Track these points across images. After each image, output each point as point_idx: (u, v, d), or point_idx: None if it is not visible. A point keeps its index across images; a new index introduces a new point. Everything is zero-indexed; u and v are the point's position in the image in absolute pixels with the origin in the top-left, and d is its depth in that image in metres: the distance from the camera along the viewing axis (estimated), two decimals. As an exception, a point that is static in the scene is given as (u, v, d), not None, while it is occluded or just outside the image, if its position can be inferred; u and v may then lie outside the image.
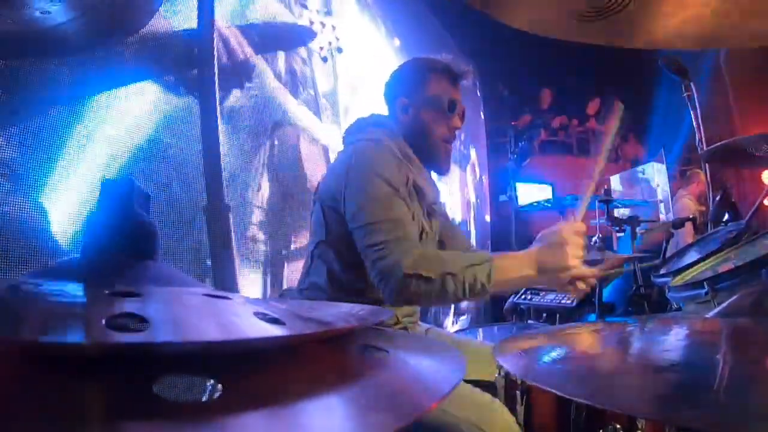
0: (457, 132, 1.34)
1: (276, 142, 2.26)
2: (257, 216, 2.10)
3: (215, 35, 1.85)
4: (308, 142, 2.42)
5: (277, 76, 2.31)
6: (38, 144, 1.35)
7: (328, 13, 2.67)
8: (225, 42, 1.89)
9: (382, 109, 1.43)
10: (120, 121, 1.57)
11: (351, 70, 2.84)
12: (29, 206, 1.30)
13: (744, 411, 0.41)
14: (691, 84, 2.61)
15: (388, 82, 1.40)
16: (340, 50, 2.71)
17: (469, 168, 5.27)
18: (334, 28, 2.67)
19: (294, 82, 2.41)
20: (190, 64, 1.83)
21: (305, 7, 2.49)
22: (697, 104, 2.60)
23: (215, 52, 1.91)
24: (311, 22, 2.54)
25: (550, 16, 1.05)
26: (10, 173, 1.27)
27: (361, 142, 1.27)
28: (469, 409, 1.01)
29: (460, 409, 1.00)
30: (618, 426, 0.70)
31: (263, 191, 2.16)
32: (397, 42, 3.57)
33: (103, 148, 1.51)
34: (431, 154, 1.33)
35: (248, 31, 2.13)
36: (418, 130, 1.31)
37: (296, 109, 2.39)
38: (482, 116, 6.17)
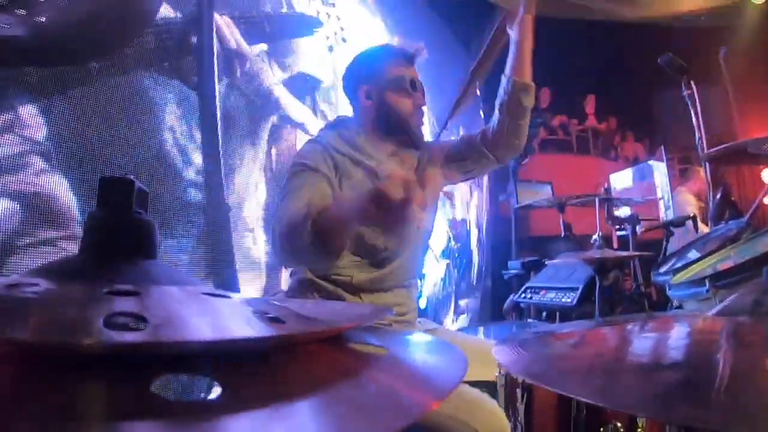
0: (422, 108, 1.37)
1: (273, 142, 2.26)
2: (257, 215, 2.09)
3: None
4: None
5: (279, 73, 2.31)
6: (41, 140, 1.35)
7: (333, 4, 2.70)
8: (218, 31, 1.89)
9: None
10: (120, 120, 1.57)
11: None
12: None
13: (744, 410, 0.41)
14: (691, 82, 2.61)
15: (345, 75, 1.43)
16: (345, 40, 2.74)
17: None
18: (339, 18, 2.71)
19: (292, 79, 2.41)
20: (190, 63, 1.82)
21: None
22: (697, 103, 2.60)
23: (215, 51, 1.91)
24: (318, 12, 2.57)
25: None
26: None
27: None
28: (460, 407, 1.01)
29: (451, 407, 1.00)
30: (618, 424, 0.70)
31: (260, 191, 2.16)
32: (397, 40, 3.56)
33: (102, 146, 1.51)
34: (403, 130, 1.35)
35: (257, 20, 2.15)
36: (384, 112, 1.33)
37: (294, 108, 2.40)
38: (482, 115, 6.16)
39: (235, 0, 2.07)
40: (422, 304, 3.38)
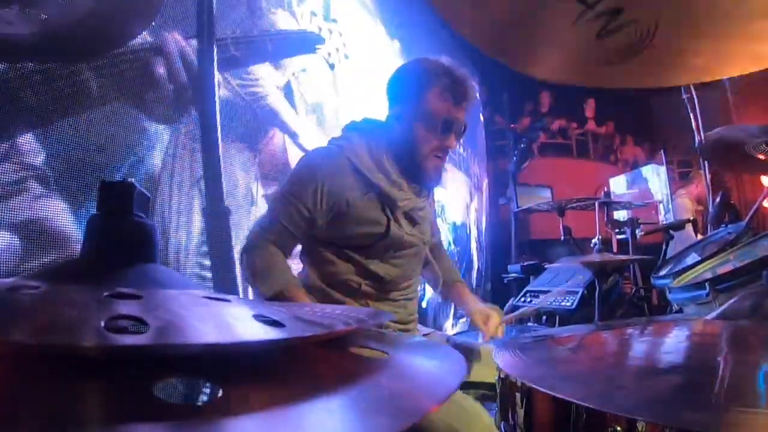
0: (447, 150, 1.28)
1: (264, 150, 2.24)
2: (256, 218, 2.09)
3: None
4: (296, 151, 2.39)
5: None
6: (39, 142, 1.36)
7: (334, 20, 2.71)
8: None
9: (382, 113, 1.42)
10: (120, 124, 1.57)
11: (353, 76, 2.85)
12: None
13: (744, 413, 0.41)
14: (691, 86, 2.61)
15: (391, 80, 1.33)
16: (347, 57, 2.76)
17: (468, 171, 5.27)
18: (341, 34, 2.72)
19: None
20: (189, 69, 1.83)
21: (314, 14, 2.53)
22: (696, 106, 2.60)
23: (215, 58, 1.92)
24: (320, 29, 2.58)
25: (571, 64, 0.98)
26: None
27: (322, 147, 1.35)
28: (445, 410, 1.01)
29: (449, 415, 1.00)
30: (618, 428, 0.70)
31: (256, 195, 2.14)
32: (397, 44, 3.57)
33: (103, 150, 1.51)
34: (415, 168, 1.28)
35: (259, 38, 2.16)
36: (404, 142, 1.26)
37: (290, 117, 2.39)
38: (482, 119, 6.18)
39: (236, 19, 2.07)
40: (422, 306, 3.38)
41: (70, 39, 1.44)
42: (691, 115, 2.67)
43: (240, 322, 0.36)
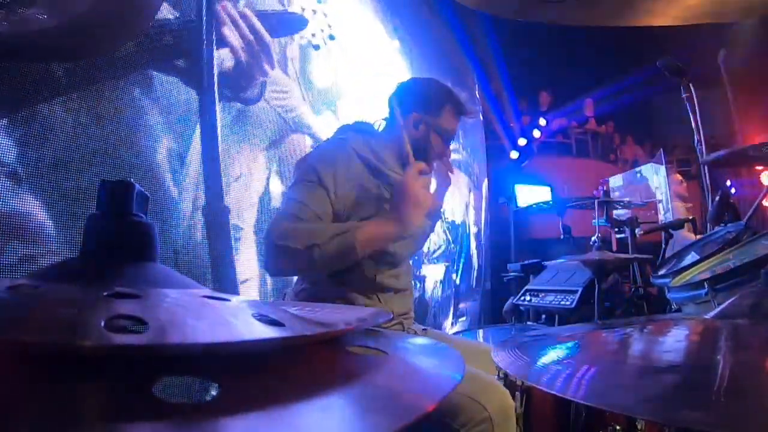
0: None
1: (286, 148, 2.27)
2: (258, 217, 2.09)
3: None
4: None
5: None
6: (37, 143, 1.36)
7: (324, 1, 2.66)
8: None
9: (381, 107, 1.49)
10: (120, 121, 1.57)
11: (346, 59, 2.83)
12: (32, 205, 1.32)
13: (744, 412, 0.41)
14: (690, 85, 2.61)
15: (402, 93, 1.47)
16: (332, 37, 2.71)
17: (468, 170, 5.27)
18: (325, 15, 2.67)
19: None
20: (190, 62, 1.83)
21: None
22: (696, 105, 2.60)
23: (214, 50, 1.91)
24: (303, 9, 2.54)
25: None
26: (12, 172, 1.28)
27: (329, 140, 1.45)
28: (465, 382, 1.02)
29: (462, 386, 1.01)
30: (617, 427, 0.70)
31: (270, 194, 2.15)
32: (397, 43, 3.57)
33: (102, 148, 1.51)
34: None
35: (241, 18, 2.14)
36: (422, 147, 1.41)
37: (313, 121, 2.41)
38: (481, 118, 6.17)
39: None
40: (423, 306, 3.37)
41: (65, 40, 1.43)
42: (691, 115, 2.67)
43: (239, 322, 0.36)
